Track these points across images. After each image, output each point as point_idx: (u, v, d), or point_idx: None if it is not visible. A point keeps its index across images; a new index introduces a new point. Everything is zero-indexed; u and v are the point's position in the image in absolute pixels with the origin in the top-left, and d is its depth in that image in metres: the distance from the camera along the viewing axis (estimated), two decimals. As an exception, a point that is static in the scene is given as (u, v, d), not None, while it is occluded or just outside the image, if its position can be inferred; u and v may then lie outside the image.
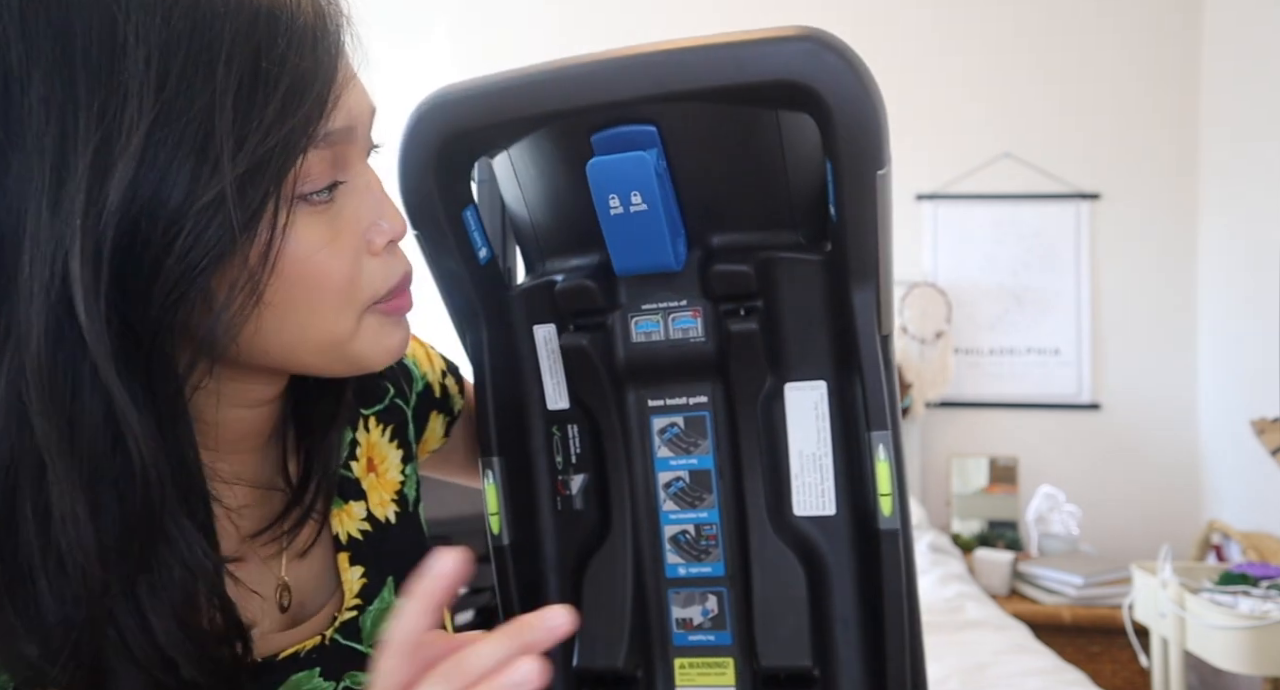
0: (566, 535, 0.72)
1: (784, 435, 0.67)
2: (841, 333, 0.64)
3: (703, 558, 0.69)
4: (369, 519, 0.64)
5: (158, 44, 0.40)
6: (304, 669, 0.55)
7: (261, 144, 0.42)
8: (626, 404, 0.69)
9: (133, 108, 0.39)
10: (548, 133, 0.62)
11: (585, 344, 0.66)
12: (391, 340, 0.53)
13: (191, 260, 0.41)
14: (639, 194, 0.60)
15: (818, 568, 0.67)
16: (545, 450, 0.72)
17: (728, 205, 0.65)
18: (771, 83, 0.56)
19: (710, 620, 0.69)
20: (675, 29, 2.73)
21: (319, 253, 0.46)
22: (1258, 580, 2.01)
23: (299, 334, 0.48)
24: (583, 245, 0.68)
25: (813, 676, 0.66)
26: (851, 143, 0.56)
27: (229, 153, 0.41)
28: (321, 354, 0.50)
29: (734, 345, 0.65)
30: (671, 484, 0.69)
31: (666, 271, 0.65)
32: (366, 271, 0.49)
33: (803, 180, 0.64)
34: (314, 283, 0.47)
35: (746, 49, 0.57)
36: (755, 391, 0.67)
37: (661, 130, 0.60)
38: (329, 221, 0.47)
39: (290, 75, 0.43)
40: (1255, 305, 2.59)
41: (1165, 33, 2.95)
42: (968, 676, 1.87)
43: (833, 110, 0.56)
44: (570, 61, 0.60)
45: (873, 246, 0.60)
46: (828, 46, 0.56)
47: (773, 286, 0.65)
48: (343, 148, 0.47)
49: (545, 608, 0.49)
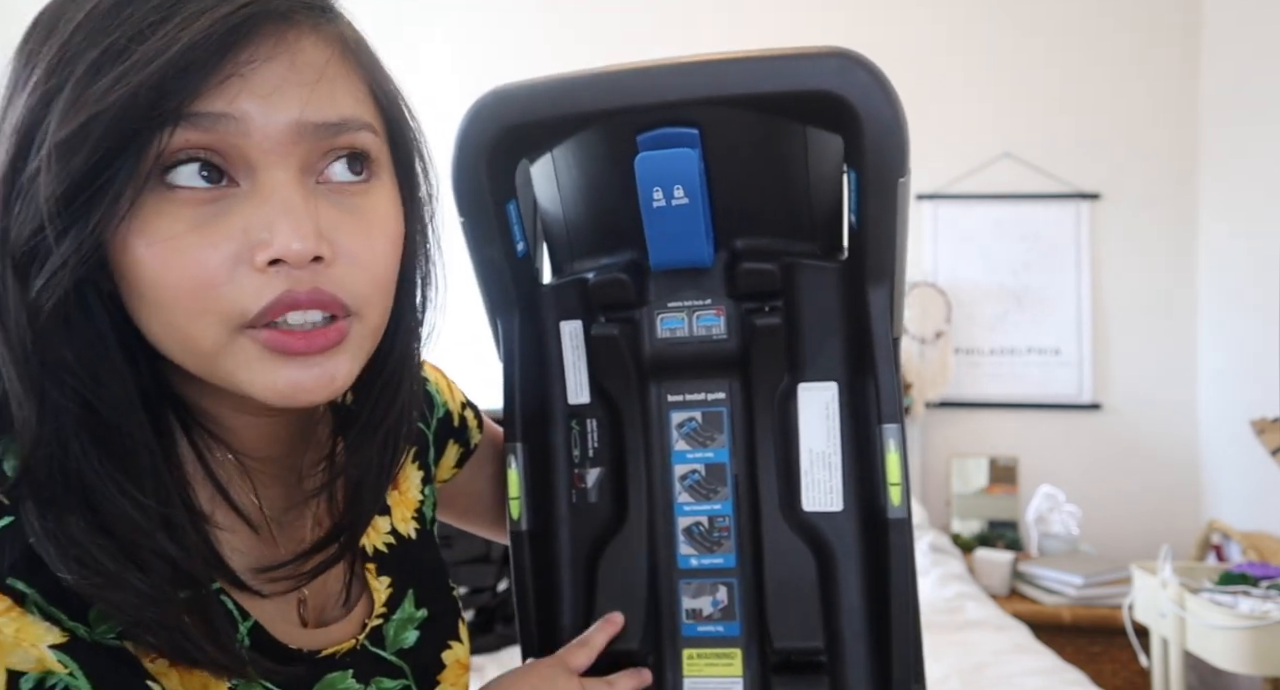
0: (580, 527, 0.74)
1: (796, 433, 0.70)
2: (852, 338, 0.69)
3: (715, 549, 0.71)
4: (393, 533, 0.65)
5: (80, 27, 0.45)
6: (338, 670, 0.56)
7: (97, 103, 0.43)
8: (649, 397, 0.72)
9: (40, 69, 0.44)
10: (595, 132, 0.66)
11: (616, 333, 0.70)
12: (276, 379, 0.47)
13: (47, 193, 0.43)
14: (682, 188, 0.65)
15: (826, 558, 0.70)
16: (564, 443, 0.75)
17: (754, 211, 0.69)
18: (809, 93, 0.61)
19: (720, 611, 0.71)
20: (674, 37, 2.72)
21: (171, 241, 0.45)
22: (1258, 580, 2.01)
23: (166, 330, 0.47)
24: (616, 244, 0.72)
25: (821, 661, 0.69)
26: (878, 151, 0.61)
27: (62, 105, 0.43)
28: (195, 362, 0.48)
29: (757, 341, 0.69)
30: (687, 476, 0.72)
31: (698, 267, 0.69)
32: (237, 282, 0.45)
33: (821, 195, 0.70)
34: (158, 274, 0.45)
35: (787, 62, 0.62)
36: (773, 389, 0.70)
37: (703, 133, 0.65)
38: (202, 216, 0.45)
39: (152, 45, 0.43)
40: (1255, 305, 2.59)
41: (1165, 33, 2.95)
42: (968, 676, 1.87)
43: (863, 120, 0.61)
44: (623, 65, 0.64)
45: (891, 249, 0.65)
46: (859, 63, 0.61)
47: (793, 289, 0.70)
48: (229, 139, 0.45)
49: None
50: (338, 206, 0.48)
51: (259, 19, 0.46)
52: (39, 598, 0.44)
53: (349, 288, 0.48)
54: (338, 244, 0.47)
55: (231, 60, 0.45)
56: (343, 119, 0.48)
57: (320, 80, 0.47)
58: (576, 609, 0.73)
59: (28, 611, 0.43)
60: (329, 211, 0.48)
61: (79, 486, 0.46)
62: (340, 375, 0.49)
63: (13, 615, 0.43)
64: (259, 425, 0.55)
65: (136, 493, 0.46)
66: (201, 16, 0.44)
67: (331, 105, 0.48)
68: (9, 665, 0.42)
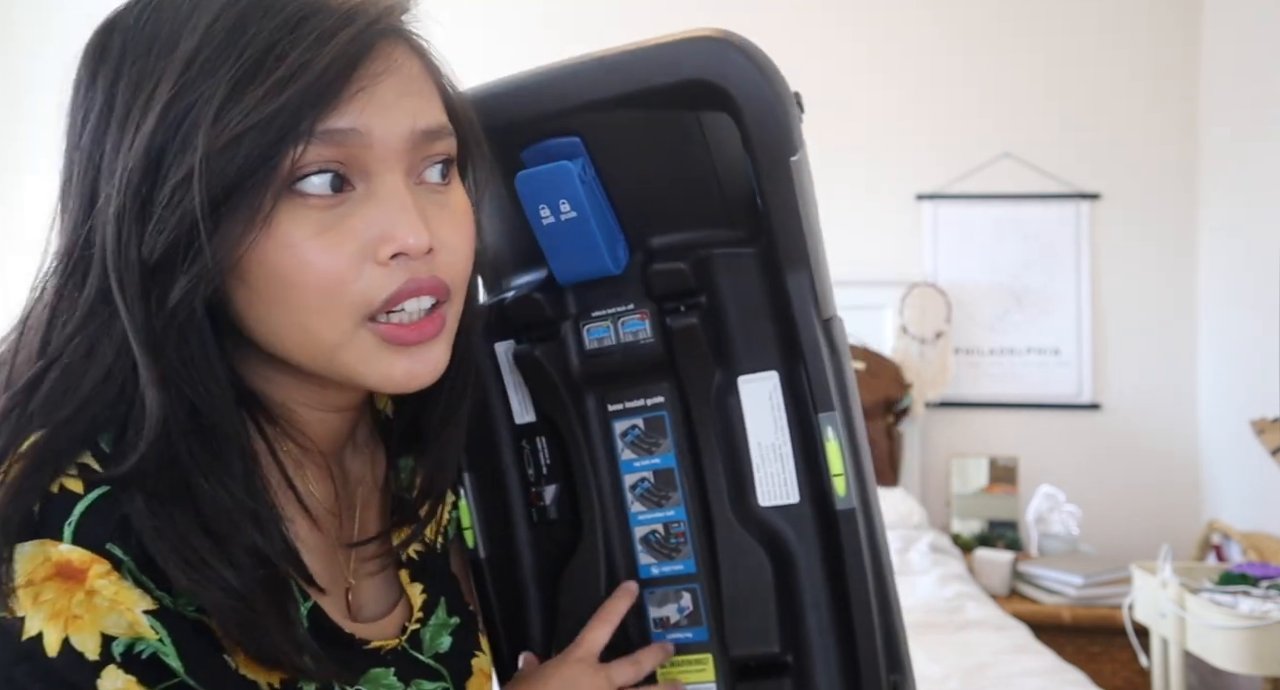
0: (545, 545, 0.73)
1: (742, 428, 0.68)
2: (785, 322, 0.66)
3: (673, 556, 0.70)
4: (422, 541, 0.67)
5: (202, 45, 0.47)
6: (381, 666, 0.58)
7: (241, 123, 0.46)
8: (587, 410, 0.71)
9: (165, 86, 0.47)
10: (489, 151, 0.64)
11: (538, 354, 0.68)
12: (393, 368, 0.53)
13: (184, 209, 0.46)
14: (567, 202, 0.63)
15: (785, 557, 0.68)
16: (516, 464, 0.73)
17: (663, 207, 0.67)
18: (680, 84, 0.59)
19: (686, 617, 0.70)
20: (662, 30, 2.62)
21: (303, 245, 0.49)
22: (1258, 580, 2.01)
23: (287, 328, 0.51)
24: (531, 260, 0.70)
25: (785, 663, 0.67)
26: (763, 133, 0.59)
27: (207, 124, 0.46)
28: (311, 356, 0.52)
29: (678, 342, 0.67)
30: (637, 485, 0.70)
31: (607, 276, 0.67)
32: (363, 277, 0.50)
33: (733, 178, 0.67)
34: (293, 275, 0.49)
35: (654, 54, 0.60)
36: (707, 387, 0.68)
37: (586, 140, 0.63)
38: (327, 220, 0.50)
39: (287, 68, 0.47)
40: (1255, 305, 2.59)
41: (1165, 33, 2.95)
42: (968, 676, 1.87)
43: (741, 105, 0.59)
44: (497, 82, 0.63)
45: (798, 231, 0.63)
46: (732, 45, 0.59)
47: (712, 282, 0.67)
48: (354, 151, 0.50)
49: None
50: (433, 203, 0.54)
51: (377, 36, 0.50)
52: (133, 565, 0.46)
53: (449, 274, 0.54)
54: (438, 236, 0.53)
55: (357, 77, 0.49)
56: (440, 125, 0.54)
57: (420, 91, 0.53)
58: (548, 628, 0.72)
59: (124, 576, 0.46)
60: (427, 208, 0.53)
61: (184, 484, 0.48)
62: (442, 361, 0.55)
63: (112, 578, 0.46)
64: (326, 421, 0.59)
65: (234, 489, 0.49)
66: (331, 39, 0.48)
67: (430, 113, 0.53)
68: (103, 629, 0.45)
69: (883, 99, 3.02)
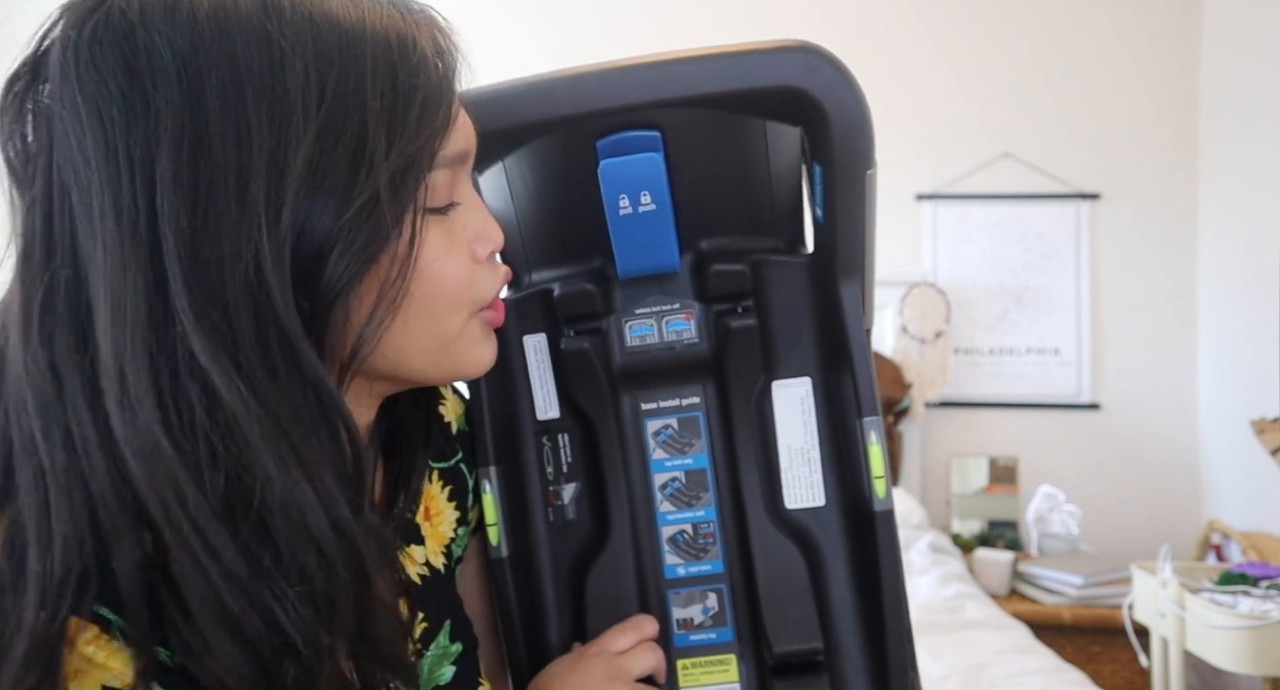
0: (560, 546, 0.72)
1: (773, 431, 0.69)
2: (823, 332, 0.68)
3: (701, 556, 0.70)
4: (427, 564, 0.65)
5: (312, 61, 0.45)
6: None
7: (408, 147, 0.47)
8: (621, 407, 0.71)
9: (298, 118, 0.44)
10: (551, 140, 0.64)
11: (588, 347, 0.68)
12: (485, 350, 0.57)
13: (354, 252, 0.46)
14: (649, 194, 0.64)
15: (814, 556, 0.69)
16: (536, 461, 0.73)
17: (717, 211, 0.68)
18: (774, 89, 0.60)
19: (711, 618, 0.70)
20: (668, 39, 2.71)
21: (440, 257, 0.52)
22: (1258, 580, 2.01)
23: (418, 335, 0.53)
24: (577, 253, 0.70)
25: (819, 661, 0.68)
26: (845, 145, 0.61)
27: (381, 153, 0.46)
28: (430, 354, 0.54)
29: (732, 343, 0.67)
30: (668, 485, 0.70)
31: (667, 273, 0.68)
32: (479, 276, 0.55)
33: (782, 191, 0.69)
34: (438, 285, 0.52)
35: (750, 58, 0.61)
36: (750, 389, 0.69)
37: (664, 135, 0.63)
38: (447, 230, 0.53)
39: (423, 90, 0.49)
40: (1255, 305, 2.59)
41: (1165, 33, 2.95)
42: (968, 676, 1.87)
43: (829, 114, 0.60)
44: (581, 68, 0.62)
45: (860, 242, 0.65)
46: (823, 57, 0.60)
47: (763, 287, 0.68)
48: (459, 170, 0.53)
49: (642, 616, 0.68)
50: None
51: (455, 54, 0.53)
52: (123, 624, 0.45)
53: None
54: None
55: (454, 100, 0.52)
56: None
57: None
58: (564, 630, 0.71)
59: (113, 638, 0.45)
60: None
61: None
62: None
63: (100, 643, 0.44)
64: (371, 416, 0.59)
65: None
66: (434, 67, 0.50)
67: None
68: (103, 682, 0.44)
69: (883, 99, 3.01)
